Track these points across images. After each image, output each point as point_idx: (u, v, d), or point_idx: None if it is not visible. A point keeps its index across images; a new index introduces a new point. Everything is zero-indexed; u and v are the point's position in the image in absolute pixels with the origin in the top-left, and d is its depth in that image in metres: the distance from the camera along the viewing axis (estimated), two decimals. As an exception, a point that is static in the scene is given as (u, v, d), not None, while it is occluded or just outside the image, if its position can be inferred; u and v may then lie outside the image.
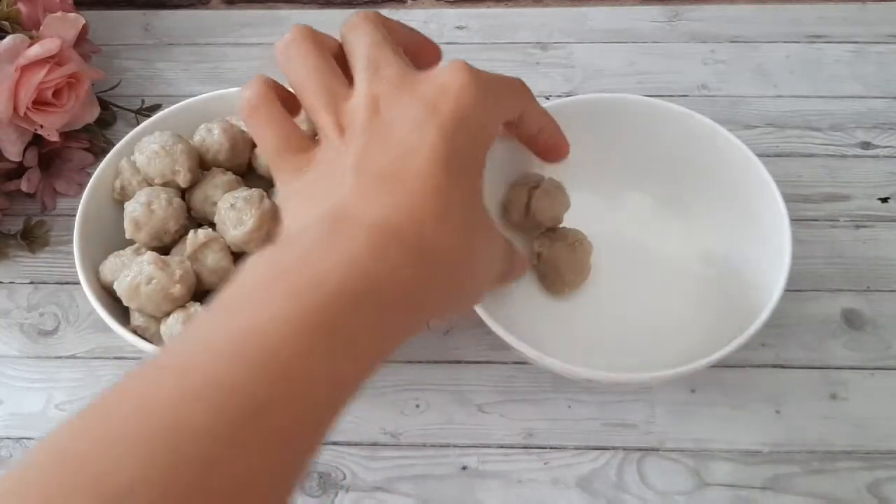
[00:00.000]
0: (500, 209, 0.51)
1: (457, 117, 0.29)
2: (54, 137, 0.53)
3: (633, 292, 0.49)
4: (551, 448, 0.45)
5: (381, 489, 0.44)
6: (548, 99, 0.60)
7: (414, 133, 0.29)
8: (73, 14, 0.53)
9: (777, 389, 0.46)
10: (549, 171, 0.50)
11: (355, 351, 0.24)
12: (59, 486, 0.18)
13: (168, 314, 0.42)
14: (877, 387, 0.46)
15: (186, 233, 0.44)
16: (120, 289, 0.41)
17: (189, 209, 0.46)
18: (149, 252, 0.42)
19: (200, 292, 0.43)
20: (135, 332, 0.43)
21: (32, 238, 0.54)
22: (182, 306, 0.42)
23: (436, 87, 0.30)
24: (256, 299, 0.24)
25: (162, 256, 0.42)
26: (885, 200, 0.55)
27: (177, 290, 0.41)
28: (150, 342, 0.42)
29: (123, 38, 0.66)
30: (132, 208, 0.44)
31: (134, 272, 0.41)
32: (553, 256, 0.48)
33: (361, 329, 0.24)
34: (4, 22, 0.51)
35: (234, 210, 0.42)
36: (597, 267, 0.50)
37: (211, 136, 0.46)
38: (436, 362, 0.48)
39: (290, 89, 0.33)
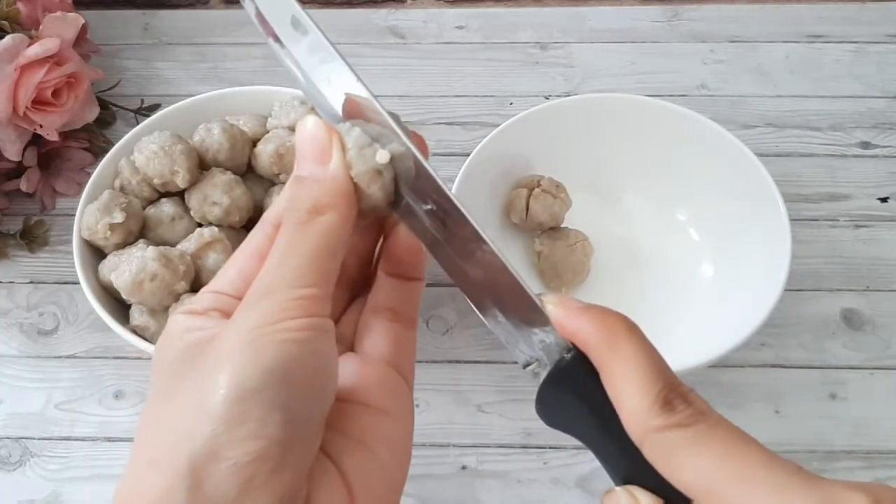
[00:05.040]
0: (501, 209, 0.51)
1: None
2: (54, 137, 0.52)
3: (633, 292, 0.49)
4: (551, 448, 0.45)
5: (380, 489, 0.44)
6: (548, 99, 0.60)
7: None
8: (72, 14, 0.53)
9: (776, 389, 0.46)
10: (550, 171, 0.50)
11: None
12: None
13: (168, 307, 0.42)
14: (876, 387, 0.46)
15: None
16: (120, 283, 0.41)
17: (188, 209, 0.46)
18: (150, 247, 0.42)
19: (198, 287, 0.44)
20: (134, 331, 0.43)
21: (32, 238, 0.54)
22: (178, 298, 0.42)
23: None
24: None
25: (163, 251, 0.42)
26: (884, 200, 0.55)
27: (181, 286, 0.41)
28: (150, 342, 0.42)
29: (123, 38, 0.66)
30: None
31: (136, 267, 0.41)
32: (553, 255, 0.48)
33: None
34: (4, 21, 0.51)
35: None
36: (596, 266, 0.50)
37: (210, 136, 0.46)
38: (436, 362, 0.48)
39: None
